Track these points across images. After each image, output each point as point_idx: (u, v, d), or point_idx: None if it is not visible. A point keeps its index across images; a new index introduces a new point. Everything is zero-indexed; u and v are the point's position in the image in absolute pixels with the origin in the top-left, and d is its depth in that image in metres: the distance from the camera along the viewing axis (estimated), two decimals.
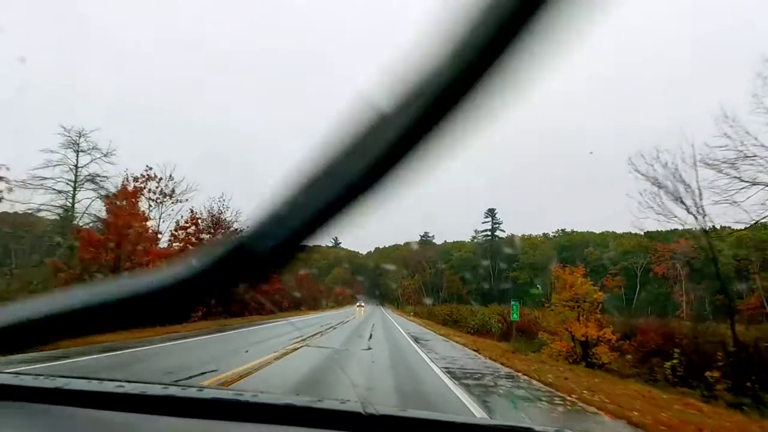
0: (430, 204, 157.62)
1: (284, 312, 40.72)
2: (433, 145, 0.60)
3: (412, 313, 57.36)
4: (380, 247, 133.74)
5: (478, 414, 6.82)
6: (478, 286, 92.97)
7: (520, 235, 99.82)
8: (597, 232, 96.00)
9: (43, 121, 52.72)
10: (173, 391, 1.36)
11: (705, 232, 17.25)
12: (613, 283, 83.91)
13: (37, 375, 1.45)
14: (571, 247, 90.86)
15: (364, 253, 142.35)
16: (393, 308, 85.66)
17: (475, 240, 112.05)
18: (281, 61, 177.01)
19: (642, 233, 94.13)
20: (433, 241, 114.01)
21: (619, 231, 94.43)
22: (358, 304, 79.07)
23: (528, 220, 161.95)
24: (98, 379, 1.46)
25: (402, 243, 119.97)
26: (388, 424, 1.26)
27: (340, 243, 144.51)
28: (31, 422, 1.19)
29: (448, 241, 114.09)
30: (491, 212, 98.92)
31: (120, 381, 1.40)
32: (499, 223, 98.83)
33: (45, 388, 1.34)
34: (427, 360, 13.90)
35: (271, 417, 1.27)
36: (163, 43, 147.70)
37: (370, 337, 20.73)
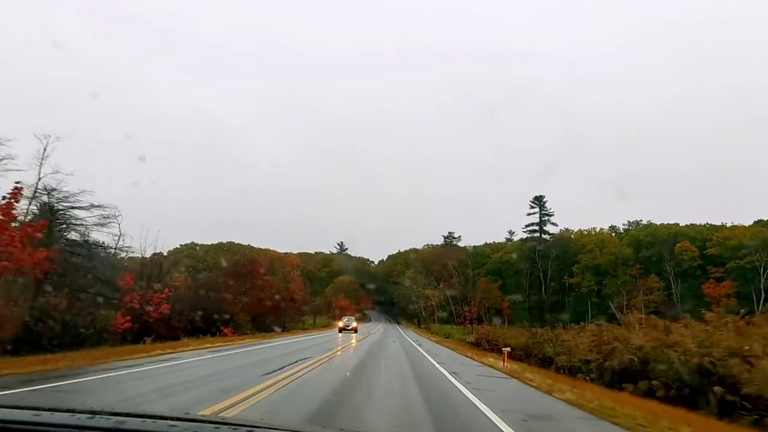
0: (455, 200, 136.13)
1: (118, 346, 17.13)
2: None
3: (506, 355, 18.53)
4: (394, 253, 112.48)
5: None
6: (524, 298, 71.02)
7: (575, 230, 77.69)
8: (682, 224, 73.67)
9: None
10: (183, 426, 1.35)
11: None
12: (719, 291, 61.71)
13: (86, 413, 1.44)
14: (653, 244, 68.20)
15: (376, 261, 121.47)
16: (414, 328, 63.80)
17: (510, 242, 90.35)
18: None
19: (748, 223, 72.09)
20: (458, 243, 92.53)
21: (715, 222, 72.48)
22: (343, 323, 46.49)
23: (582, 211, 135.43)
24: (157, 416, 1.48)
25: (421, 246, 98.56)
26: None
27: (346, 249, 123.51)
28: None
29: (477, 245, 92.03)
30: (539, 201, 76.68)
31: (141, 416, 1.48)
32: (550, 215, 76.35)
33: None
34: None
35: None
36: None
37: None
